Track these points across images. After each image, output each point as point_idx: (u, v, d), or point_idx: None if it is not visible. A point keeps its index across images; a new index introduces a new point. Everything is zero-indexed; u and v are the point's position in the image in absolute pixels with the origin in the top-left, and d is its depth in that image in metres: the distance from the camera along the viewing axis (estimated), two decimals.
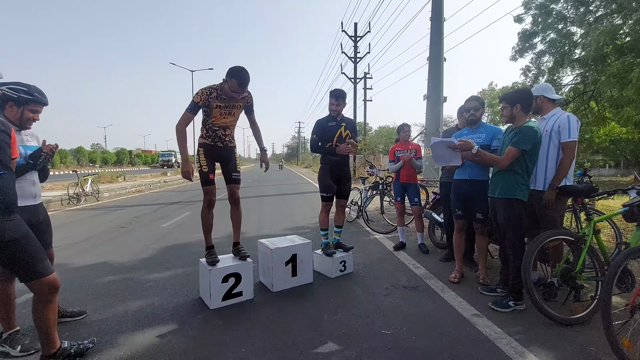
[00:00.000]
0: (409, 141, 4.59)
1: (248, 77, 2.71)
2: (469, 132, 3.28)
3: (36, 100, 2.16)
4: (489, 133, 3.19)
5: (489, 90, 35.16)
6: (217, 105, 2.78)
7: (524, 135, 2.57)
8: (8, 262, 1.77)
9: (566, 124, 2.72)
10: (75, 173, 10.59)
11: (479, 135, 3.20)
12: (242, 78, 2.68)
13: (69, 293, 3.08)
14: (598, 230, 2.64)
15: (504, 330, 2.36)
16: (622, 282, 2.58)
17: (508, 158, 2.62)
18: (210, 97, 2.73)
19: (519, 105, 2.69)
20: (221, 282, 2.77)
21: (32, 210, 2.19)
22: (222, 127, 2.90)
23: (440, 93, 12.30)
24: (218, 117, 2.84)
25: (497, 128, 3.31)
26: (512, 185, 2.66)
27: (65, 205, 9.19)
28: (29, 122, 2.20)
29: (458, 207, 3.30)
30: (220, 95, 2.77)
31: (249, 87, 2.83)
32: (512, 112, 2.71)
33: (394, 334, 2.32)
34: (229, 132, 2.98)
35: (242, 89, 2.72)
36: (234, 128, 3.02)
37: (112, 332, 2.39)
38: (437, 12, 12.30)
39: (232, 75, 2.68)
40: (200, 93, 2.73)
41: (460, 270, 3.35)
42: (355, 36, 21.05)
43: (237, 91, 2.72)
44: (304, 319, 2.56)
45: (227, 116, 2.88)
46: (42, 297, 1.83)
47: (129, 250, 4.60)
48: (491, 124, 3.72)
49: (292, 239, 3.43)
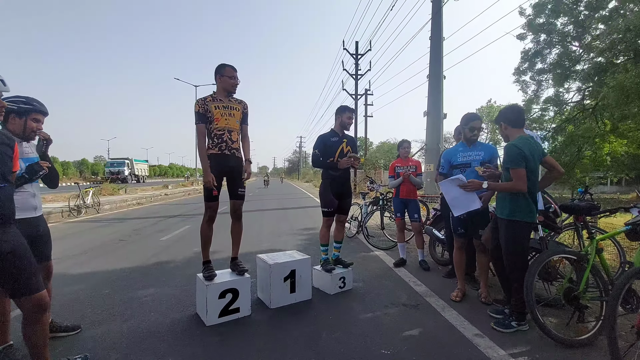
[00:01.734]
0: (409, 157, 4.61)
1: None
2: (465, 150, 3.27)
3: (36, 109, 2.18)
4: (487, 151, 3.21)
5: (487, 107, 35.56)
6: (215, 107, 2.88)
7: (506, 154, 2.56)
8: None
9: None
10: (77, 185, 10.63)
11: (477, 152, 3.20)
12: (230, 64, 2.97)
13: (65, 306, 3.04)
14: (601, 249, 2.60)
15: (506, 351, 2.30)
16: (627, 302, 2.53)
17: (519, 179, 2.47)
18: (207, 102, 2.89)
19: (503, 123, 2.70)
20: (218, 297, 2.73)
21: (31, 223, 2.18)
22: (227, 129, 2.92)
23: (440, 110, 12.45)
24: (220, 118, 2.88)
25: (492, 147, 3.35)
26: (513, 205, 2.58)
27: (65, 216, 9.18)
28: (33, 133, 2.21)
29: (460, 225, 3.27)
30: (216, 98, 2.93)
31: (246, 100, 3.10)
32: (503, 131, 2.72)
33: (394, 354, 2.27)
34: (235, 137, 2.98)
35: (235, 71, 2.97)
36: (238, 134, 3.03)
37: (107, 348, 2.34)
38: (436, 31, 12.61)
39: (223, 66, 2.95)
40: (197, 102, 2.90)
41: (462, 289, 3.29)
42: (357, 54, 21.48)
43: (233, 75, 2.93)
44: (301, 337, 2.51)
45: (228, 117, 2.92)
46: (31, 315, 1.76)
47: (128, 263, 4.56)
48: (486, 143, 3.75)
49: (291, 254, 3.40)
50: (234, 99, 3.02)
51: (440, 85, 12.50)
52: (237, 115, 2.99)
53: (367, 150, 25.99)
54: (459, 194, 2.81)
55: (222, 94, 2.96)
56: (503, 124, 2.70)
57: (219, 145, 2.91)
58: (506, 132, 2.71)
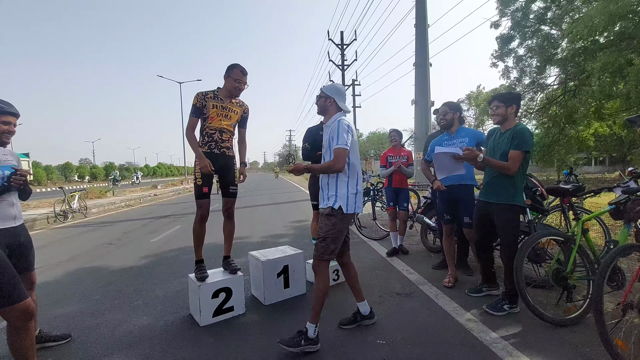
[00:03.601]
0: (401, 147, 4.61)
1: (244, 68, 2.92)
2: (450, 138, 3.28)
3: (2, 110, 2.08)
4: (472, 136, 3.21)
5: (477, 92, 35.83)
6: (213, 105, 2.82)
7: (524, 136, 2.51)
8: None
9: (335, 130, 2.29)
10: (62, 189, 10.35)
11: (461, 139, 3.20)
12: (242, 66, 2.89)
13: (53, 315, 2.97)
14: (587, 229, 2.65)
15: (499, 334, 2.34)
16: (613, 280, 2.60)
17: (516, 163, 2.52)
18: (207, 97, 2.83)
19: (515, 106, 2.64)
20: (211, 297, 2.70)
21: (11, 233, 2.10)
22: (219, 129, 2.87)
23: (427, 98, 12.46)
24: (215, 117, 2.83)
25: (478, 132, 3.35)
26: (510, 190, 2.60)
27: (51, 223, 8.96)
28: (4, 136, 2.12)
29: (446, 212, 3.30)
30: (217, 96, 2.86)
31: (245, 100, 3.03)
32: (507, 112, 2.63)
33: (389, 344, 2.29)
34: (226, 137, 2.93)
35: (244, 76, 2.89)
36: (231, 135, 2.98)
37: (98, 355, 2.30)
38: (421, 18, 12.54)
39: (233, 67, 2.86)
40: (196, 95, 2.84)
41: (453, 274, 3.34)
42: (342, 44, 21.31)
43: (240, 79, 2.85)
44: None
45: (223, 118, 2.87)
46: (16, 325, 1.73)
47: (118, 267, 4.48)
48: (471, 128, 3.75)
49: (283, 249, 3.38)
50: (236, 101, 2.95)
51: (427, 73, 12.49)
52: (235, 117, 2.94)
53: None
54: (449, 162, 2.79)
55: (224, 93, 2.88)
56: (515, 106, 2.64)
57: (209, 144, 2.87)
58: (509, 115, 2.64)
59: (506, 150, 2.58)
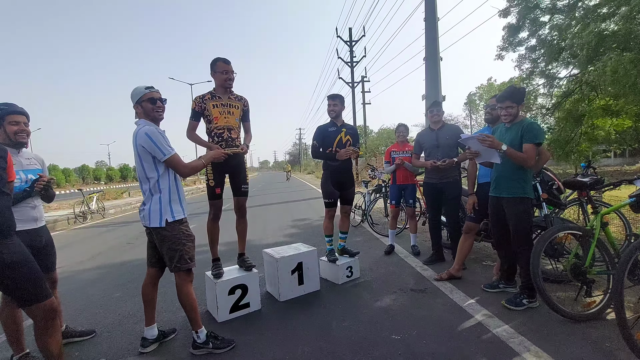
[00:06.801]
0: (406, 142, 4.57)
1: None
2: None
3: (7, 111, 2.09)
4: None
5: (488, 85, 35.17)
6: (214, 105, 2.85)
7: (535, 129, 2.58)
8: (6, 286, 1.74)
9: None
10: (80, 191, 10.68)
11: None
12: (223, 57, 2.91)
13: (78, 312, 3.09)
14: (606, 223, 2.59)
15: (515, 329, 2.32)
16: (634, 274, 2.53)
17: (532, 156, 2.57)
18: (205, 99, 2.86)
19: (523, 103, 2.73)
20: (228, 294, 2.76)
21: (33, 234, 2.18)
22: (227, 127, 2.90)
23: (438, 92, 12.29)
24: (219, 117, 2.87)
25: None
26: (521, 183, 2.66)
27: (72, 224, 9.26)
28: (18, 136, 2.14)
29: (475, 211, 3.30)
30: (214, 95, 2.89)
31: (245, 95, 3.07)
32: (518, 110, 2.71)
33: (404, 339, 2.30)
34: (235, 134, 2.95)
35: (228, 65, 2.89)
36: (238, 132, 3.01)
37: (122, 350, 2.39)
38: (430, 12, 12.35)
39: (215, 62, 2.89)
40: (194, 100, 2.89)
41: (452, 272, 3.34)
42: (351, 41, 21.19)
43: (226, 69, 2.86)
44: (312, 328, 2.54)
45: (227, 115, 2.90)
46: (42, 323, 1.79)
47: (136, 265, 4.60)
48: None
49: (297, 247, 3.42)
50: (234, 96, 2.98)
51: (438, 67, 12.27)
52: (237, 113, 2.97)
53: (366, 139, 25.82)
54: (482, 149, 2.79)
55: (220, 90, 2.92)
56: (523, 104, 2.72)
57: (220, 144, 2.89)
58: (518, 112, 2.71)
59: (514, 144, 2.62)
